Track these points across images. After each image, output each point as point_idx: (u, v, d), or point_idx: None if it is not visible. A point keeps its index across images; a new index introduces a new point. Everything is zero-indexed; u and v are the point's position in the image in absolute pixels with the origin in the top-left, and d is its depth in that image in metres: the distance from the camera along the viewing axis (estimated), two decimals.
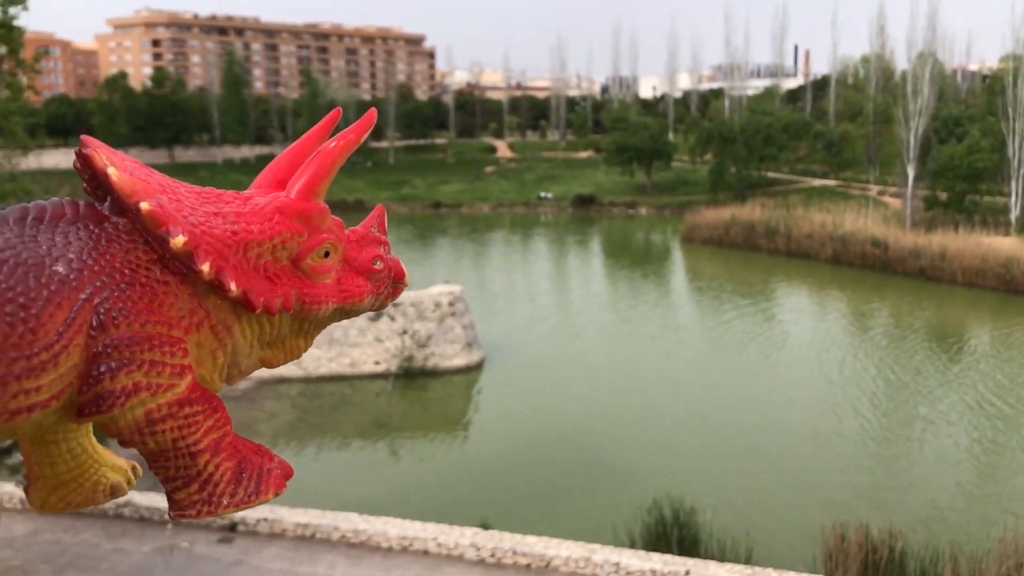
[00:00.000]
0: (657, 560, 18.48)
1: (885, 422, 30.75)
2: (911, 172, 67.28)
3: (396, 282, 1.32)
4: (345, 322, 31.85)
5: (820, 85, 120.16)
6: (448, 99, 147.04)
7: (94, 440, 1.23)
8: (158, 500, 21.82)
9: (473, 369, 37.01)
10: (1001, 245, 56.40)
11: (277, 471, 1.21)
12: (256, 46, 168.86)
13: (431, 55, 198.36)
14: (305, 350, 1.30)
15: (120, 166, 1.08)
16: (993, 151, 64.13)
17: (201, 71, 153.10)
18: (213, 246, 1.10)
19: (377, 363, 36.39)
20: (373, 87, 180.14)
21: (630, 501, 22.39)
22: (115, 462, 1.27)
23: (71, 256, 1.04)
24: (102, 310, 1.04)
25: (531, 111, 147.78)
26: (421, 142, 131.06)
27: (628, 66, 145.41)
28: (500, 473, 26.44)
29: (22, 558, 19.81)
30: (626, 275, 60.99)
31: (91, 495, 1.24)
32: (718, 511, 21.84)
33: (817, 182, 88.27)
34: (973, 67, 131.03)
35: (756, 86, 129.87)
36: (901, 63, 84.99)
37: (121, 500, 21.88)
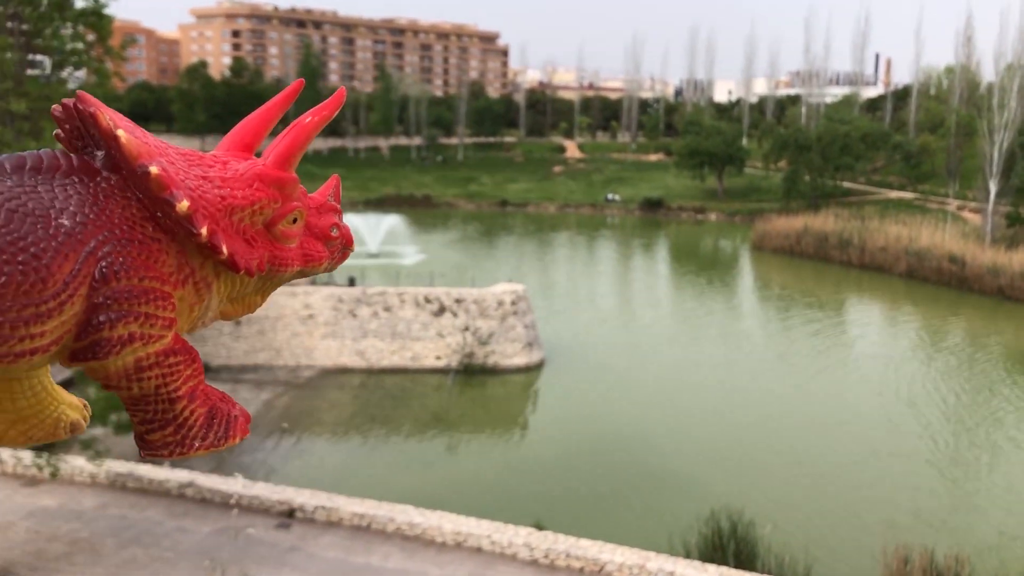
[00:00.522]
0: (713, 572, 18.21)
1: (953, 444, 29.77)
2: (993, 187, 65.00)
3: (345, 248, 1.39)
4: (409, 316, 31.95)
5: (901, 95, 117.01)
6: (519, 97, 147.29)
7: (51, 378, 1.28)
8: (221, 483, 22.31)
9: (533, 369, 36.97)
10: None
11: (242, 418, 1.28)
12: (333, 39, 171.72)
13: (504, 53, 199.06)
14: (260, 305, 1.38)
15: (126, 127, 1.11)
16: None
17: (279, 62, 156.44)
18: (208, 211, 1.15)
19: (438, 358, 36.61)
20: (446, 83, 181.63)
21: (687, 510, 22.12)
22: (71, 400, 1.32)
23: (73, 209, 1.08)
24: (104, 263, 1.09)
25: (603, 112, 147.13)
26: (491, 139, 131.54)
27: (703, 69, 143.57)
28: (556, 474, 26.35)
29: (89, 531, 20.44)
30: (692, 281, 60.25)
31: (52, 431, 1.29)
32: (777, 526, 21.42)
33: (894, 194, 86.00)
34: None
35: (834, 94, 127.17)
36: (988, 75, 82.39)
37: (185, 479, 22.45)
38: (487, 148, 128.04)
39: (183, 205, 1.11)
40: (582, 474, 26.30)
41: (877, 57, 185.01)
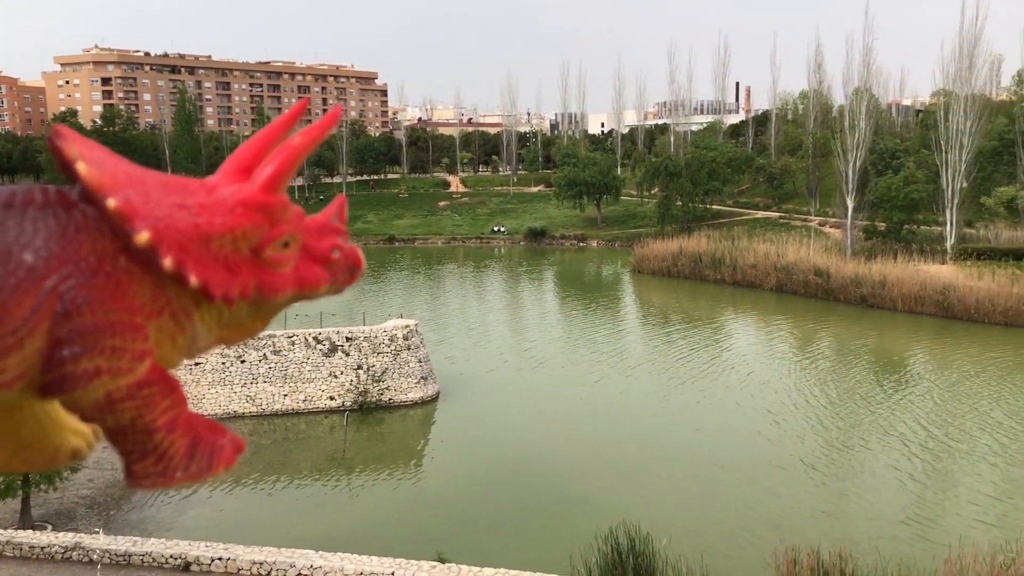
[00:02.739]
0: None
1: (832, 447, 31.48)
2: (850, 203, 69.33)
3: (352, 269, 1.37)
4: (300, 358, 31.59)
5: (761, 120, 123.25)
6: (401, 135, 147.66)
7: (57, 405, 1.28)
8: (109, 543, 21.51)
9: (428, 402, 37.09)
10: (938, 272, 58.29)
11: (229, 447, 1.29)
12: (208, 84, 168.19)
13: (383, 92, 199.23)
14: (261, 330, 1.37)
15: (88, 158, 1.12)
16: (928, 182, 66.40)
17: (152, 108, 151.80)
18: (176, 239, 1.14)
19: (332, 398, 36.27)
20: None
21: (586, 530, 22.62)
22: (77, 426, 1.33)
23: (39, 244, 1.08)
24: (67, 298, 1.09)
25: (483, 146, 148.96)
26: (374, 177, 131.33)
27: (576, 103, 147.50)
28: (457, 505, 26.52)
29: None
30: (578, 306, 61.64)
31: (53, 458, 1.31)
32: (674, 538, 22.14)
33: (760, 214, 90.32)
34: (907, 102, 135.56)
35: (700, 122, 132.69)
36: (838, 98, 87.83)
37: (69, 542, 21.51)
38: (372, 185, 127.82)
39: (142, 237, 1.10)
40: (482, 503, 26.57)
41: (737, 85, 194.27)
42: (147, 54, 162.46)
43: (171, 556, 20.82)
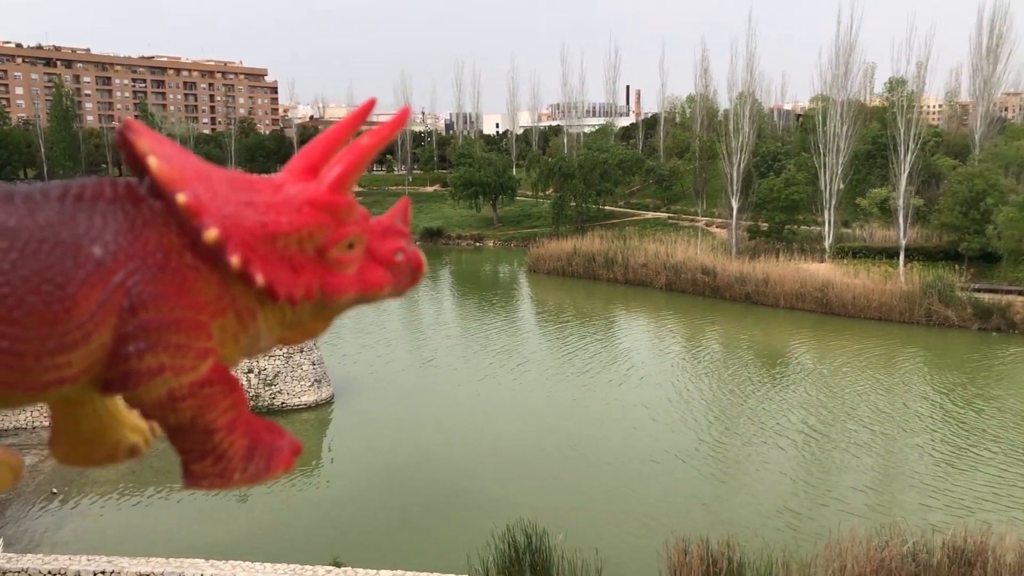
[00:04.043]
0: None
1: (720, 439, 32.53)
2: (735, 204, 71.84)
3: (415, 272, 1.35)
4: None
5: (650, 123, 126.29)
6: (292, 133, 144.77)
7: (118, 401, 1.29)
8: None
9: (323, 406, 36.50)
10: (818, 270, 60.99)
11: (287, 449, 1.27)
12: (87, 78, 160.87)
13: (273, 89, 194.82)
14: (323, 332, 1.36)
15: (160, 153, 1.11)
16: (807, 184, 69.33)
17: (25, 103, 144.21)
18: (243, 238, 1.13)
19: None
20: (213, 121, 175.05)
21: (484, 529, 22.71)
22: (136, 423, 1.33)
23: (108, 238, 1.08)
24: (134, 293, 1.08)
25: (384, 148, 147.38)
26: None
27: (471, 103, 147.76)
28: (354, 509, 26.22)
29: None
30: (475, 306, 61.78)
31: (111, 454, 1.31)
32: (570, 533, 22.46)
33: (651, 215, 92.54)
34: (788, 107, 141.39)
35: (592, 124, 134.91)
36: (724, 103, 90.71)
37: None
38: None
39: (211, 234, 1.10)
40: (380, 506, 26.35)
41: (628, 89, 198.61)
42: (19, 45, 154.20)
43: (50, 572, 19.86)
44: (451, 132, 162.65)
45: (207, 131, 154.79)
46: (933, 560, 19.44)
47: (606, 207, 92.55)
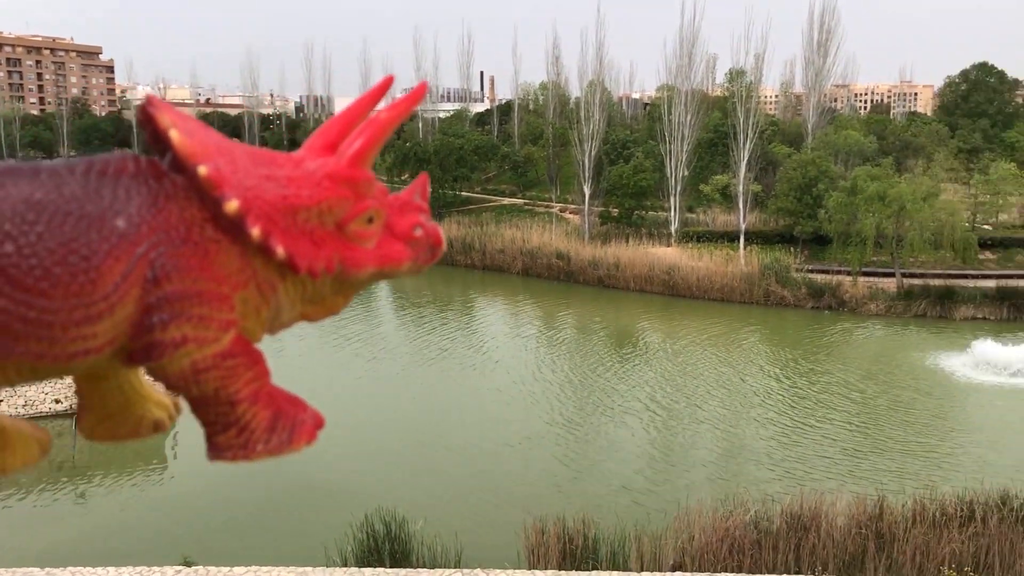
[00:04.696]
0: (368, 574, 18.71)
1: (576, 419, 33.34)
2: (587, 191, 73.52)
3: (433, 248, 1.36)
4: None
5: (505, 110, 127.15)
6: (131, 115, 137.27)
7: (142, 376, 1.29)
8: None
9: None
10: (665, 254, 63.37)
11: (310, 422, 1.29)
12: None
13: (109, 68, 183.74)
14: (344, 307, 1.38)
15: (182, 127, 1.11)
16: (655, 171, 71.74)
17: None
18: (264, 210, 1.14)
19: (58, 401, 33.17)
20: (42, 101, 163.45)
21: (343, 520, 22.38)
22: (159, 399, 1.34)
23: (131, 211, 1.09)
24: (157, 265, 1.09)
25: (223, 129, 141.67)
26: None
27: (322, 85, 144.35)
28: (206, 505, 25.29)
29: None
30: None
31: (136, 428, 1.32)
32: (429, 520, 22.46)
33: (507, 201, 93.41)
34: (636, 95, 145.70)
35: (447, 109, 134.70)
36: (575, 91, 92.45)
37: None
38: None
39: (231, 205, 1.10)
40: (232, 501, 25.51)
41: (482, 75, 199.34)
42: None
43: None
44: (302, 115, 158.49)
45: (35, 112, 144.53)
46: (773, 527, 20.59)
47: (463, 193, 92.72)
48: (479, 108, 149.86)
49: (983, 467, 27.09)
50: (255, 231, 1.12)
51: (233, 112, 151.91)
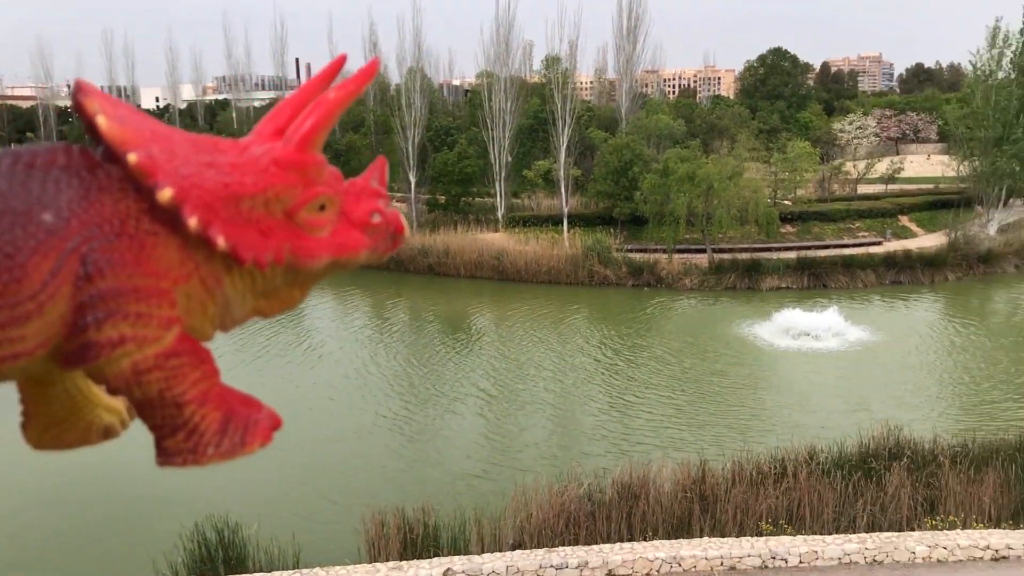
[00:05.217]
0: None
1: (413, 409, 33.29)
2: (413, 179, 73.27)
3: (395, 235, 1.29)
4: None
5: None
6: None
7: (91, 380, 1.18)
8: None
9: None
10: (493, 240, 64.20)
11: (265, 422, 1.21)
12: None
13: None
14: (301, 301, 1.27)
15: (111, 114, 1.05)
16: (479, 157, 72.42)
17: None
18: (202, 199, 1.08)
19: None
20: None
21: (172, 531, 21.40)
22: (110, 403, 1.23)
23: (60, 205, 1.02)
24: (89, 260, 1.02)
25: (13, 123, 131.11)
26: None
27: (125, 76, 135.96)
28: (16, 530, 23.43)
29: None
30: None
31: (84, 435, 1.22)
32: (264, 522, 21.85)
33: None
34: (457, 82, 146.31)
35: (263, 98, 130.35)
36: (395, 78, 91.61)
37: None
38: None
39: (165, 194, 1.04)
40: (49, 521, 23.81)
41: (297, 62, 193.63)
42: None
43: None
44: None
45: None
46: (606, 498, 21.40)
47: None
48: None
49: (793, 427, 29.25)
50: (192, 221, 1.06)
51: (25, 104, 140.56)
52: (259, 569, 19.86)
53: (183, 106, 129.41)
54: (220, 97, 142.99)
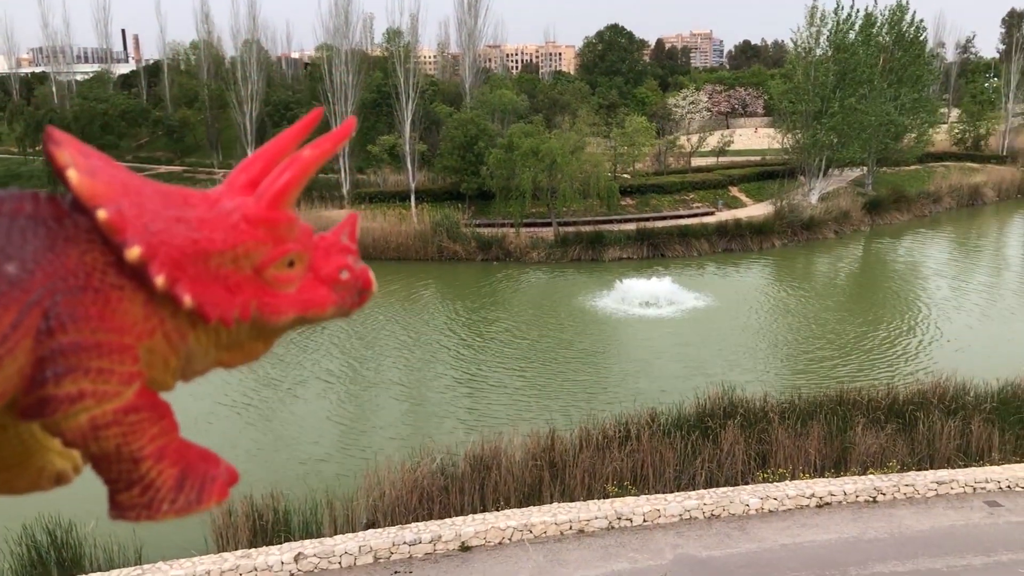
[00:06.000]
0: None
1: (253, 395, 32.36)
2: (250, 154, 70.75)
3: (362, 291, 1.24)
4: None
5: (153, 71, 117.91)
6: None
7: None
8: None
9: None
10: (338, 216, 62.29)
11: (221, 479, 1.17)
12: None
13: None
14: (264, 353, 1.21)
15: (82, 166, 1.02)
16: (320, 132, 70.62)
17: None
18: (171, 256, 1.05)
19: None
20: None
21: None
22: (63, 448, 1.16)
23: (25, 256, 0.98)
24: (52, 314, 0.99)
25: None
26: None
27: None
28: None
29: None
30: None
31: (35, 481, 1.18)
32: (103, 520, 20.76)
33: (164, 169, 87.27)
34: (295, 55, 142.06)
35: (85, 71, 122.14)
36: (230, 51, 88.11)
37: None
38: None
39: (133, 252, 1.01)
40: None
41: (124, 33, 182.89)
42: None
43: None
44: None
45: None
46: (459, 472, 21.61)
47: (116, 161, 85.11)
48: (123, 69, 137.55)
49: (636, 392, 30.41)
50: (159, 279, 1.02)
51: None
52: (97, 568, 18.96)
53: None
54: (37, 70, 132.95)
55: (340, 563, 17.77)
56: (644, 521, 19.08)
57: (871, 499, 19.99)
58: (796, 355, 36.62)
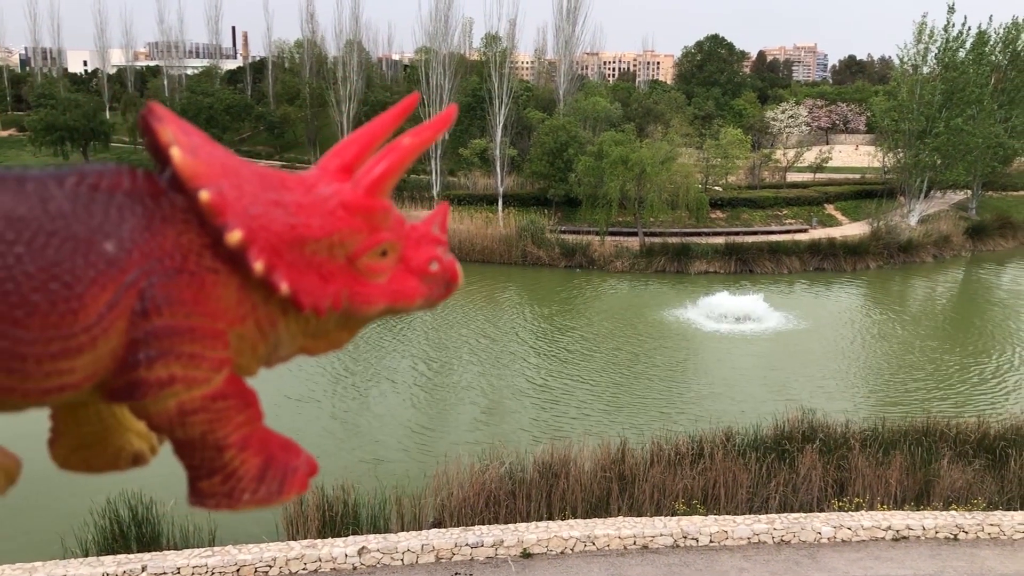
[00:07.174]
0: (110, 563, 17.68)
1: (344, 389, 33.01)
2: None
3: (449, 283, 1.24)
4: None
5: (258, 68, 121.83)
6: None
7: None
8: None
9: None
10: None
11: (302, 470, 1.15)
12: None
13: None
14: (348, 342, 1.22)
15: (185, 144, 1.01)
16: None
17: None
18: (269, 241, 1.04)
19: None
20: None
21: (82, 508, 20.93)
22: (141, 428, 1.17)
23: (123, 234, 0.98)
24: (147, 296, 0.98)
25: None
26: None
27: (51, 37, 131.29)
28: None
29: None
30: None
31: (113, 460, 1.17)
32: (180, 500, 21.42)
33: (263, 163, 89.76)
34: (396, 57, 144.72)
35: (195, 66, 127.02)
36: (332, 50, 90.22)
37: None
38: None
39: (233, 236, 0.99)
40: None
41: (234, 30, 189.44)
42: None
43: None
44: (28, 69, 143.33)
45: None
46: (527, 477, 21.57)
47: None
48: (231, 65, 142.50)
49: (713, 409, 29.83)
50: (258, 265, 1.02)
51: None
52: (173, 546, 19.58)
53: (112, 71, 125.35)
54: (152, 63, 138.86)
55: (402, 560, 17.94)
56: (711, 542, 18.68)
57: (952, 536, 19.12)
58: (889, 384, 35.26)
